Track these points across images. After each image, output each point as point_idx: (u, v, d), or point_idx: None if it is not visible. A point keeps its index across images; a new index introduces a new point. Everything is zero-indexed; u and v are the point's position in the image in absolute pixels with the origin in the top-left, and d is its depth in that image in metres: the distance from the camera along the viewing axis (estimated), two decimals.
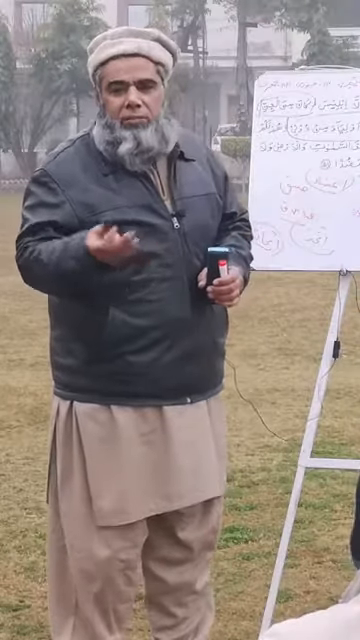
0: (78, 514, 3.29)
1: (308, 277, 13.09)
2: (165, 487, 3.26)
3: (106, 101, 3.22)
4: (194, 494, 3.31)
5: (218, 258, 3.18)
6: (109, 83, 3.20)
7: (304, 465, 4.09)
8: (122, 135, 3.18)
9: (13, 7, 47.18)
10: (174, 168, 3.28)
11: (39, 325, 10.32)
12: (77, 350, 3.25)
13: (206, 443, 3.33)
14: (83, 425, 3.25)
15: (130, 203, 3.20)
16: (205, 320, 3.28)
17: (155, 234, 3.19)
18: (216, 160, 3.45)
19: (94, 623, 3.35)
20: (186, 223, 3.25)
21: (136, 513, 3.26)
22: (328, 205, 4.11)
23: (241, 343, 9.60)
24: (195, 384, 3.29)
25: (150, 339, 3.19)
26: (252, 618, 4.18)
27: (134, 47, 3.19)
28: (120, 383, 3.21)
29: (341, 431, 6.81)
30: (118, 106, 3.20)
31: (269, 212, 4.14)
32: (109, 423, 3.23)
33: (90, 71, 3.26)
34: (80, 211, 3.18)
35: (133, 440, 3.23)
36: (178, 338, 3.22)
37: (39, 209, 3.22)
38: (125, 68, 3.18)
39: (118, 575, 3.31)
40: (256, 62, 39.87)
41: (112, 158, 3.21)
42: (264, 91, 4.25)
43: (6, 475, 5.99)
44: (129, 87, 3.18)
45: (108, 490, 3.23)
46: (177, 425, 3.26)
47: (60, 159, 3.26)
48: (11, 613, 4.27)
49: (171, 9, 43.87)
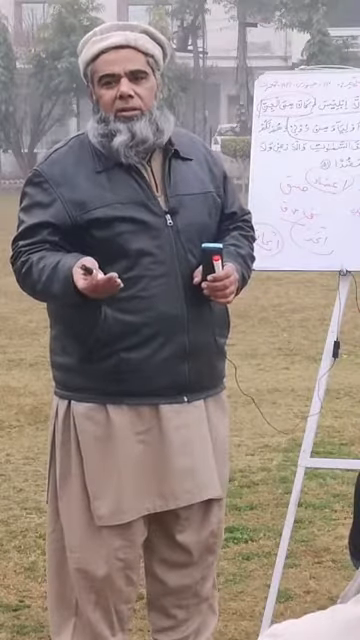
0: (77, 514, 3.28)
1: (308, 277, 13.09)
2: (161, 486, 3.26)
3: (99, 95, 3.23)
4: (189, 494, 3.29)
5: (212, 253, 3.17)
6: (100, 77, 3.21)
7: (304, 465, 4.09)
8: (116, 127, 3.19)
9: (13, 7, 47.18)
10: (169, 166, 3.28)
11: (39, 325, 10.32)
12: (72, 348, 3.25)
13: (204, 444, 3.32)
14: (80, 425, 3.25)
15: (123, 200, 3.20)
16: (203, 318, 3.27)
17: (148, 231, 3.19)
18: (215, 160, 3.44)
19: (96, 624, 3.34)
20: (179, 220, 3.24)
21: (132, 512, 3.25)
22: (328, 205, 4.11)
23: (241, 343, 9.60)
24: (192, 383, 3.27)
25: (143, 336, 3.19)
26: (252, 618, 4.18)
27: (122, 39, 3.21)
28: (115, 381, 3.20)
29: (341, 431, 6.81)
30: (110, 99, 3.20)
31: (269, 212, 4.14)
32: (105, 422, 3.23)
33: (82, 68, 3.28)
34: (71, 209, 3.18)
35: (129, 439, 3.23)
36: (172, 335, 3.21)
37: (33, 210, 3.23)
38: (115, 60, 3.19)
39: (118, 575, 3.31)
40: (256, 62, 39.87)
41: (107, 152, 3.21)
42: (264, 91, 4.25)
43: (6, 475, 5.99)
44: (120, 79, 3.19)
45: (105, 490, 3.23)
46: (174, 424, 3.25)
47: (52, 159, 3.27)
48: (11, 613, 4.27)
49: (171, 9, 43.87)
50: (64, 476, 3.30)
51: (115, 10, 45.64)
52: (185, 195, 3.28)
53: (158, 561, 3.42)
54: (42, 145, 40.29)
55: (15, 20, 44.86)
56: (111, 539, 3.27)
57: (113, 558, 3.28)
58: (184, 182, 3.30)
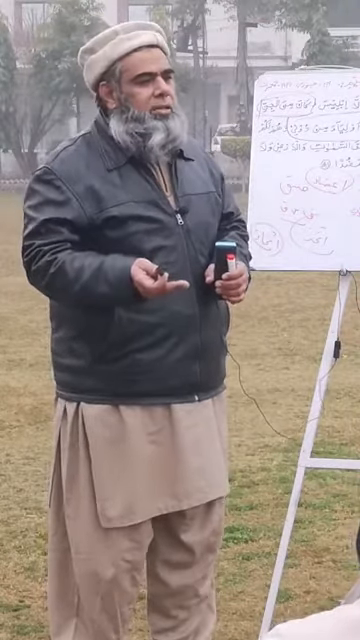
0: (85, 516, 3.26)
1: (308, 277, 13.09)
2: (173, 486, 3.25)
3: (130, 93, 3.20)
4: (201, 494, 3.29)
5: (226, 252, 3.17)
6: (137, 75, 3.19)
7: (304, 465, 4.09)
8: (154, 125, 3.18)
9: (13, 7, 47.18)
10: (175, 165, 3.29)
11: (39, 325, 10.32)
12: (83, 351, 3.23)
13: (213, 442, 3.33)
14: (90, 427, 3.23)
15: (136, 198, 3.19)
16: (211, 317, 3.28)
17: (161, 230, 3.19)
18: (213, 161, 3.49)
19: (101, 626, 3.33)
20: (189, 220, 3.24)
21: (143, 513, 3.25)
22: (328, 205, 4.11)
23: (241, 343, 9.60)
24: (202, 382, 3.28)
25: (157, 336, 3.19)
26: (252, 618, 4.18)
27: (152, 38, 3.22)
28: (128, 382, 3.20)
29: (341, 431, 6.81)
30: (147, 97, 3.19)
31: (269, 212, 4.14)
32: (117, 423, 3.21)
33: (103, 66, 3.22)
34: (87, 207, 3.16)
35: (141, 439, 3.22)
36: (185, 335, 3.21)
37: (45, 207, 3.18)
38: (151, 58, 3.20)
39: (124, 576, 3.30)
40: (256, 62, 39.88)
41: (137, 151, 3.19)
42: (264, 91, 4.25)
43: (6, 475, 5.99)
44: (156, 77, 3.19)
45: (115, 491, 3.22)
46: (185, 424, 3.25)
47: (63, 157, 3.25)
48: (11, 613, 4.27)
49: (171, 9, 43.87)
50: (72, 478, 3.28)
51: (115, 10, 45.64)
52: (192, 195, 3.29)
53: (161, 562, 3.42)
54: (42, 145, 40.31)
55: (15, 20, 44.85)
56: (119, 541, 3.26)
57: (120, 560, 3.27)
58: (190, 182, 3.31)
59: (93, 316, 3.17)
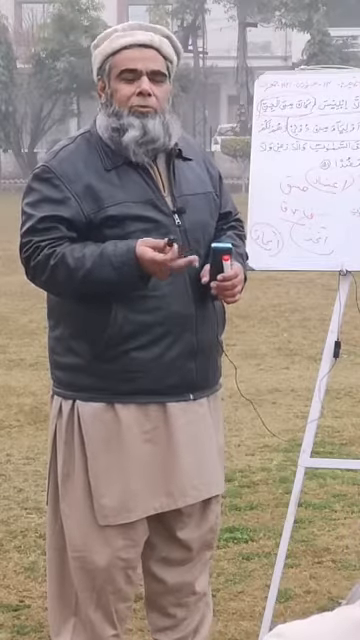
0: (80, 513, 3.28)
1: (308, 277, 13.10)
2: (168, 485, 3.26)
3: (115, 89, 3.22)
4: (197, 492, 3.31)
5: (222, 253, 3.19)
6: (121, 71, 3.20)
7: (304, 465, 4.09)
8: (129, 122, 3.18)
9: (13, 7, 47.19)
10: (173, 165, 3.29)
11: (39, 325, 10.32)
12: (80, 349, 3.24)
13: (208, 440, 3.34)
14: (86, 424, 3.24)
15: (134, 198, 3.20)
16: (208, 317, 3.30)
17: (158, 230, 3.19)
18: (211, 161, 3.51)
19: (96, 623, 3.34)
20: (186, 220, 3.25)
21: (139, 511, 3.26)
22: (328, 205, 4.11)
23: (241, 343, 9.60)
24: (197, 381, 3.29)
25: (154, 335, 3.20)
26: (252, 618, 4.18)
27: (147, 38, 3.22)
28: (125, 380, 3.21)
29: (341, 431, 6.81)
30: (128, 94, 3.20)
31: (269, 212, 4.14)
32: (113, 421, 3.22)
33: (98, 61, 3.25)
34: (85, 206, 3.17)
35: (136, 438, 3.23)
36: (181, 334, 3.23)
37: (43, 205, 3.19)
38: (139, 57, 3.20)
39: (119, 574, 3.31)
40: (256, 62, 39.90)
41: (116, 147, 3.20)
42: (264, 91, 4.25)
43: (6, 475, 5.99)
44: (141, 76, 3.19)
45: (110, 489, 3.23)
46: (180, 422, 3.26)
47: (62, 155, 3.25)
48: (11, 613, 4.27)
49: (171, 9, 43.85)
50: (67, 476, 3.30)
51: (115, 10, 45.64)
52: (190, 195, 3.30)
53: (157, 560, 3.43)
54: (42, 145, 40.28)
55: (15, 20, 44.84)
56: (114, 539, 3.27)
57: (115, 558, 3.28)
58: (188, 182, 3.32)
59: (91, 314, 3.18)
